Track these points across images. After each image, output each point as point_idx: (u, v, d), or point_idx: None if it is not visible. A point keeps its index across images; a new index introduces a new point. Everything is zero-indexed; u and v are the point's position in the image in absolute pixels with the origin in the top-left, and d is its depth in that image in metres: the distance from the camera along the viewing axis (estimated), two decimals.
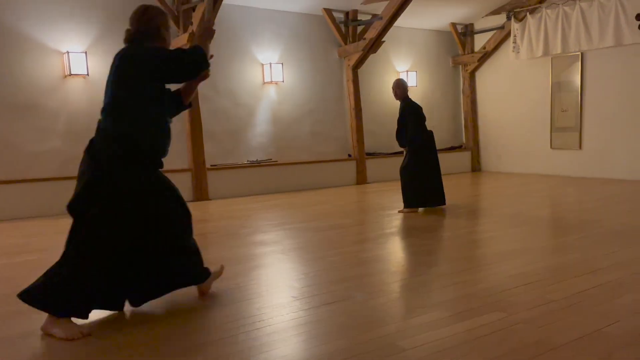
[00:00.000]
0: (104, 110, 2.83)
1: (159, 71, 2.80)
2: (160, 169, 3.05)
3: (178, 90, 3.12)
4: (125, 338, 2.61)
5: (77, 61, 6.77)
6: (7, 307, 3.12)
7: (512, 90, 10.15)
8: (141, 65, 2.79)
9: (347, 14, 9.06)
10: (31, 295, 2.65)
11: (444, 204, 6.20)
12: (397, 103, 10.21)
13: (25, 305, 2.90)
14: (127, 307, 2.96)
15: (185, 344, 2.51)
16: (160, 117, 2.91)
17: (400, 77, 10.05)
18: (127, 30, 2.88)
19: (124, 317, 2.90)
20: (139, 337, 2.63)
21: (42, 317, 2.90)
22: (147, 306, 3.03)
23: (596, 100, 8.87)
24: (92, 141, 2.84)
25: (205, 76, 3.05)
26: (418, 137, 6.09)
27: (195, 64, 2.83)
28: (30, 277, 3.72)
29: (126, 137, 2.75)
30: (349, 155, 9.41)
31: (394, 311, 2.92)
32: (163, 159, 3.05)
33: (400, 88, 6.17)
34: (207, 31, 2.99)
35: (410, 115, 6.10)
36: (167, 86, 3.00)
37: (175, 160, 7.69)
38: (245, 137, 8.35)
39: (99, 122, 2.86)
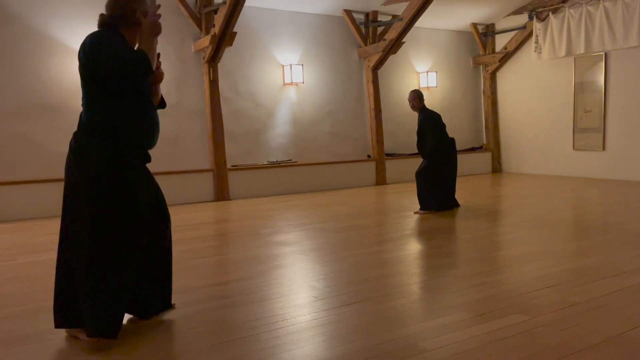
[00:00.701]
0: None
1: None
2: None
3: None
4: (148, 336, 2.67)
5: None
6: (34, 304, 3.21)
7: (534, 91, 10.04)
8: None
9: (367, 15, 9.07)
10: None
11: (458, 206, 6.29)
12: None
13: (51, 302, 2.98)
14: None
15: (211, 342, 2.56)
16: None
17: (419, 80, 10.02)
18: (101, 15, 2.69)
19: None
20: (164, 335, 2.69)
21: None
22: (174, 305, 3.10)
23: (620, 101, 8.72)
24: None
25: (159, 80, 2.82)
26: (439, 148, 6.14)
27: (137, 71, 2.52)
28: (54, 274, 3.83)
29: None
30: (369, 156, 9.41)
31: (415, 312, 2.93)
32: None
33: (416, 100, 6.20)
34: (154, 26, 2.63)
35: (429, 126, 6.13)
36: None
37: (197, 160, 7.80)
38: (266, 138, 8.42)
39: None
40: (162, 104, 3.00)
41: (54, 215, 6.59)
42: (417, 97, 6.23)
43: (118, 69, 2.49)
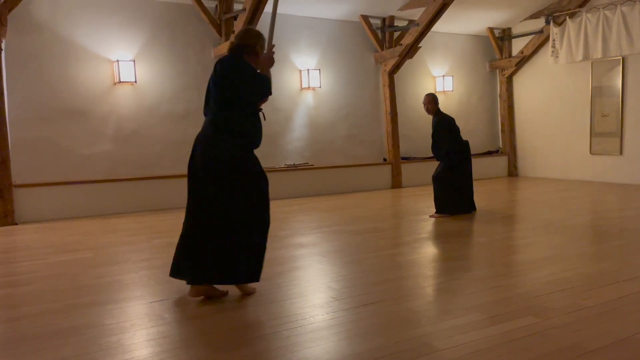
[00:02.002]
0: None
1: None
2: None
3: None
4: (172, 335, 2.81)
5: (126, 69, 7.12)
6: (68, 300, 3.38)
7: (551, 95, 10.04)
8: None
9: (383, 20, 9.17)
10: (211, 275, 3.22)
11: (475, 209, 6.38)
12: None
13: (88, 299, 3.16)
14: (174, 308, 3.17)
15: (234, 339, 2.69)
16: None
17: (436, 84, 10.08)
18: (232, 42, 3.46)
19: (181, 310, 3.11)
20: (189, 332, 2.83)
21: (99, 310, 3.15)
22: (197, 304, 3.24)
23: (638, 105, 8.69)
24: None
25: (265, 100, 3.50)
26: (453, 151, 6.25)
27: (263, 91, 3.38)
28: (84, 273, 4.02)
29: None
30: (385, 160, 9.51)
31: (430, 313, 3.03)
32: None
33: (431, 103, 6.32)
34: (269, 60, 3.51)
35: (444, 130, 6.24)
36: None
37: None
38: (283, 141, 8.57)
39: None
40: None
41: (80, 216, 6.81)
42: (432, 100, 6.34)
43: (256, 88, 3.31)
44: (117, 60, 7.10)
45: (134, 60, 7.23)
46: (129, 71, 7.14)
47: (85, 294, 3.50)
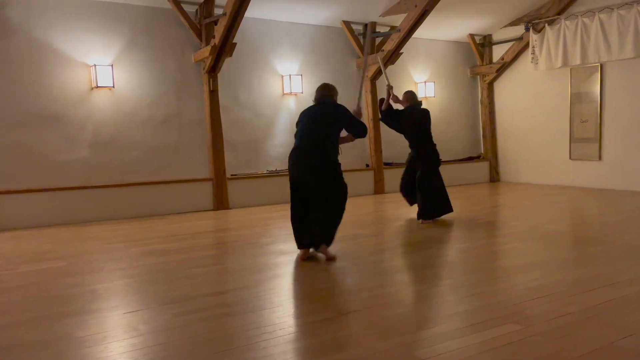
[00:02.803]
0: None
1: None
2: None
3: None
4: (147, 346, 2.72)
5: (104, 73, 6.99)
6: (37, 312, 3.26)
7: (531, 101, 10.14)
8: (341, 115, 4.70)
9: (365, 26, 9.18)
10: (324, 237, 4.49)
11: (452, 210, 6.40)
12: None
13: (59, 310, 3.05)
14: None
15: (210, 351, 2.61)
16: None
17: (417, 90, 10.11)
18: (318, 94, 4.81)
19: (156, 321, 3.01)
20: (163, 343, 2.73)
21: (70, 321, 3.04)
22: (173, 314, 3.15)
23: (616, 111, 8.82)
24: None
25: (352, 139, 4.88)
26: (433, 151, 6.42)
27: (363, 130, 4.79)
28: (56, 283, 3.89)
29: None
30: (367, 165, 9.48)
31: (412, 321, 2.98)
32: None
33: (413, 98, 6.54)
34: (358, 115, 4.90)
35: (428, 120, 6.49)
36: None
37: (196, 170, 7.86)
38: (265, 147, 8.49)
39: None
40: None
41: (55, 224, 6.64)
42: (412, 96, 6.53)
43: (357, 123, 4.72)
44: (95, 65, 6.97)
45: (112, 65, 7.10)
46: (107, 76, 7.01)
47: (56, 304, 3.38)
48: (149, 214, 7.29)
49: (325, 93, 4.77)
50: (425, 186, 6.19)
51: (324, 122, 4.55)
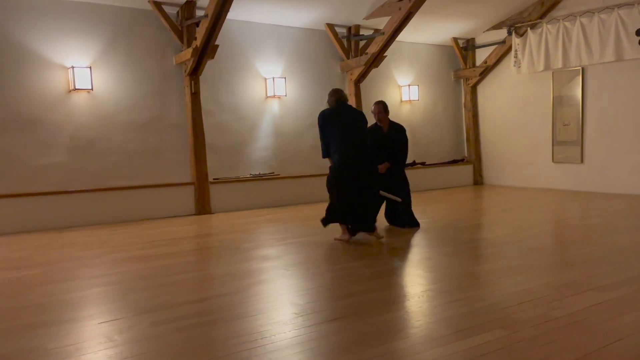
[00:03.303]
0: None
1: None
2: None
3: None
4: (129, 353, 2.61)
5: (82, 76, 6.83)
6: (12, 322, 3.12)
7: (514, 104, 10.19)
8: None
9: (349, 29, 9.14)
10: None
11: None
12: (399, 115, 10.26)
13: (30, 320, 2.92)
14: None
15: (196, 359, 2.51)
16: None
17: (401, 93, 10.10)
18: (335, 97, 5.45)
19: (133, 330, 2.90)
20: (142, 354, 2.62)
21: (42, 332, 2.92)
22: (150, 323, 3.04)
23: (597, 114, 8.89)
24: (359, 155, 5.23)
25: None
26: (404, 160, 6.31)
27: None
28: (29, 292, 3.75)
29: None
30: None
31: (397, 328, 2.91)
32: None
33: (382, 112, 5.99)
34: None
35: (406, 139, 6.20)
36: None
37: (178, 174, 7.73)
38: (248, 151, 8.39)
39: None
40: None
41: (31, 230, 6.46)
42: (383, 109, 5.99)
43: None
44: (72, 67, 6.81)
45: (90, 67, 6.95)
46: (85, 78, 6.85)
47: (28, 314, 3.24)
48: (129, 220, 7.14)
49: (344, 94, 5.50)
50: (406, 195, 6.10)
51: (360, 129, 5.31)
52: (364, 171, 5.19)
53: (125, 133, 7.33)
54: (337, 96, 5.39)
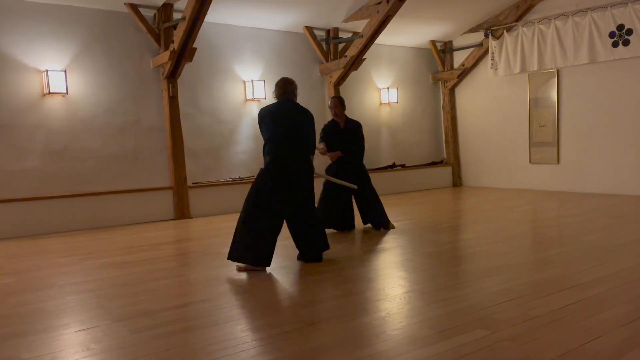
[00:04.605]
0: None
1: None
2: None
3: None
4: None
5: (57, 79, 6.69)
6: None
7: (491, 106, 10.32)
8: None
9: (328, 31, 9.15)
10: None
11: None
12: (378, 118, 10.30)
13: (3, 330, 2.83)
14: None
15: None
16: None
17: (381, 96, 10.14)
18: (281, 90, 4.64)
19: (111, 338, 2.83)
20: (125, 359, 2.57)
21: (15, 342, 2.84)
22: (128, 331, 2.98)
23: (572, 116, 9.06)
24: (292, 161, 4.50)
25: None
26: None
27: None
28: (2, 301, 3.64)
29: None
30: None
31: (379, 330, 2.90)
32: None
33: (339, 107, 5.98)
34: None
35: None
36: None
37: (156, 178, 7.62)
38: (227, 155, 8.32)
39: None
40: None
41: (4, 237, 6.29)
42: (339, 103, 5.98)
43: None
44: (46, 70, 6.67)
45: (65, 70, 6.82)
46: (60, 82, 6.72)
47: (2, 324, 3.15)
48: (106, 225, 7.01)
49: (288, 89, 4.63)
50: (374, 195, 6.11)
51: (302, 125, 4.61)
52: (298, 183, 4.43)
53: (102, 137, 7.21)
54: (283, 90, 4.60)
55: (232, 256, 4.33)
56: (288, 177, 4.39)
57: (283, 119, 4.46)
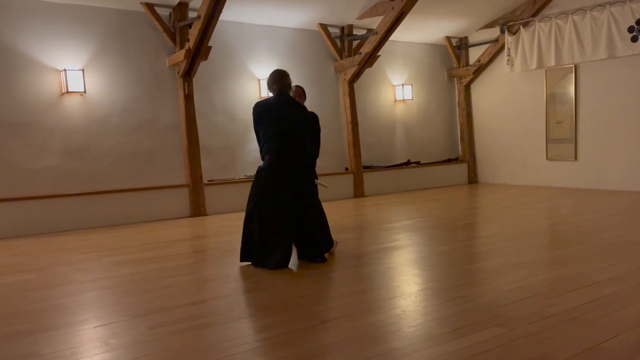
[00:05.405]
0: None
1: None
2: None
3: None
4: (125, 357, 2.59)
5: (75, 79, 6.79)
6: (7, 328, 3.09)
7: (507, 103, 10.21)
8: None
9: (342, 29, 9.13)
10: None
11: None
12: (393, 115, 10.27)
13: (24, 326, 2.89)
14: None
15: None
16: None
17: (395, 93, 10.10)
18: (278, 84, 4.46)
19: (129, 334, 2.87)
20: (140, 355, 2.60)
21: (36, 338, 2.89)
22: (146, 327, 3.02)
23: (591, 112, 8.93)
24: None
25: None
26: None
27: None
28: (22, 297, 3.71)
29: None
30: (346, 169, 9.42)
31: (394, 327, 2.90)
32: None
33: (303, 96, 5.45)
34: None
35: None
36: None
37: (172, 176, 7.69)
38: (242, 152, 8.36)
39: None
40: None
41: (23, 235, 6.40)
42: (303, 93, 5.45)
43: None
44: (65, 70, 6.76)
45: (82, 70, 6.91)
46: (78, 81, 6.81)
47: (22, 321, 3.21)
48: (123, 223, 7.10)
49: (289, 82, 4.49)
50: (318, 206, 4.63)
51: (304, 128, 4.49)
52: (298, 181, 4.36)
53: (118, 136, 7.29)
54: (281, 84, 4.44)
55: (247, 260, 4.34)
56: (290, 174, 4.32)
57: (282, 116, 4.34)
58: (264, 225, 4.26)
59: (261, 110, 4.42)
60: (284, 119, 4.34)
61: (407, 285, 3.75)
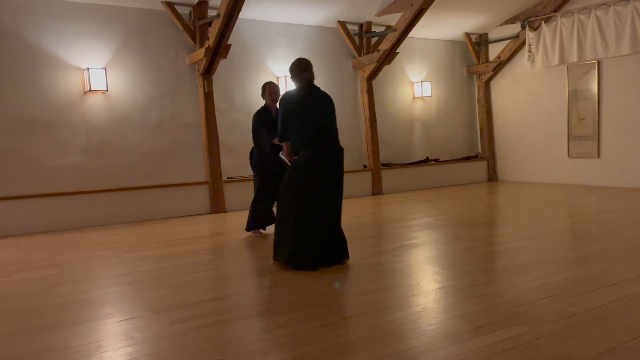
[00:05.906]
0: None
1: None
2: None
3: None
4: (149, 350, 2.63)
5: (97, 77, 6.90)
6: (30, 322, 3.16)
7: (528, 99, 10.09)
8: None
9: (361, 26, 9.11)
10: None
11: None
12: (411, 112, 10.22)
13: (50, 320, 2.95)
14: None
15: (214, 357, 2.53)
16: None
17: (414, 90, 10.05)
18: (304, 73, 4.34)
19: (152, 329, 2.92)
20: (161, 352, 2.65)
21: (62, 331, 2.95)
22: (168, 322, 3.06)
23: (614, 108, 8.77)
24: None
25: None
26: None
27: None
28: (48, 292, 3.79)
29: None
30: (365, 166, 9.41)
31: (414, 325, 2.90)
32: None
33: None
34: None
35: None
36: None
37: (192, 173, 7.77)
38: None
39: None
40: None
41: (48, 230, 6.54)
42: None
43: None
44: (88, 68, 6.88)
45: (105, 68, 7.01)
46: (100, 79, 6.92)
47: (48, 314, 3.28)
48: (144, 219, 7.20)
49: (312, 71, 4.39)
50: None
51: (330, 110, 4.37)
52: (338, 176, 4.29)
53: (139, 133, 7.39)
54: (308, 73, 4.32)
55: (283, 259, 4.11)
56: (331, 168, 4.22)
57: (316, 106, 4.25)
58: (303, 217, 4.06)
59: (292, 102, 4.22)
60: (323, 110, 4.29)
61: (427, 283, 3.74)
